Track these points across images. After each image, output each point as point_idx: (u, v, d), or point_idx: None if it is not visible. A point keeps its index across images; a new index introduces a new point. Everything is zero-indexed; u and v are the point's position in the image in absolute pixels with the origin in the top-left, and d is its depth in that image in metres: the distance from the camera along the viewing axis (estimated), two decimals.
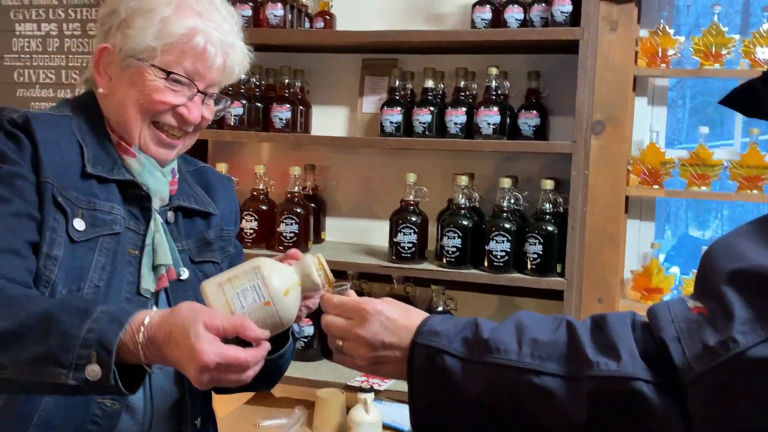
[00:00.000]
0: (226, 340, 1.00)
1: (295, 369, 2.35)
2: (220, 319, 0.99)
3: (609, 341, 0.87)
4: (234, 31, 1.30)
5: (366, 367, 1.04)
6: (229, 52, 1.27)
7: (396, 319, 1.02)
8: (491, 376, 0.91)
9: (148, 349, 0.99)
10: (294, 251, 1.24)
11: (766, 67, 2.19)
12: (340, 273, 2.47)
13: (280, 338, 1.28)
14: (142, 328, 0.99)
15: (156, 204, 1.29)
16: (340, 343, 1.05)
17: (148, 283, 1.23)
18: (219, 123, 2.40)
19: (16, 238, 1.12)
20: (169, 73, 1.23)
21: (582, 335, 0.89)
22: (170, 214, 1.32)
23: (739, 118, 2.46)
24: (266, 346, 1.03)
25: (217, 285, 1.07)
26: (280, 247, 2.34)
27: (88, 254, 1.18)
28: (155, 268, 1.24)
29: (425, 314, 1.03)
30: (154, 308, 1.24)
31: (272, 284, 1.06)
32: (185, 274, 1.30)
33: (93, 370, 0.96)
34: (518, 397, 0.90)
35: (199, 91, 1.26)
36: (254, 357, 1.00)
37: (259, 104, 2.43)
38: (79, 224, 1.17)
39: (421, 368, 0.96)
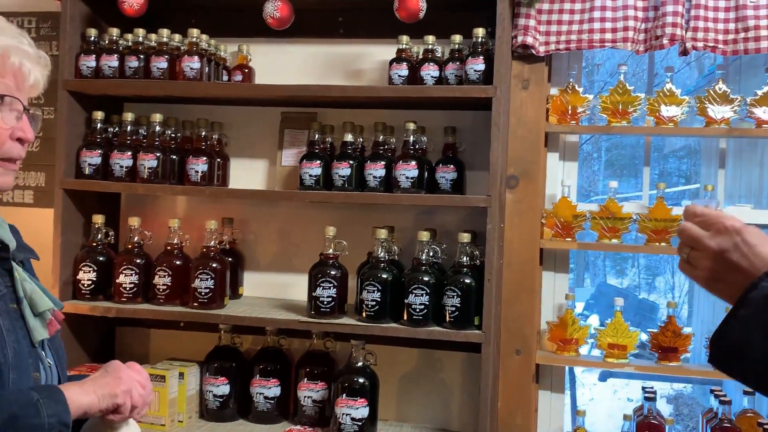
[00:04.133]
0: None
1: (210, 430, 2.27)
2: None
3: None
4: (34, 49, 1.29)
5: (704, 280, 1.04)
6: (38, 67, 1.28)
7: (755, 244, 1.00)
8: None
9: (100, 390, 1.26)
10: None
11: (670, 124, 2.29)
12: (257, 329, 2.42)
13: None
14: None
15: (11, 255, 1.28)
16: (687, 252, 1.05)
17: (41, 334, 1.26)
18: (132, 175, 2.35)
19: None
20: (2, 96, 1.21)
21: None
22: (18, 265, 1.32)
23: (647, 172, 2.56)
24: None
25: None
26: (195, 304, 2.27)
27: None
28: (37, 315, 1.27)
29: None
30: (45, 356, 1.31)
31: None
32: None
33: None
34: None
35: (25, 108, 1.25)
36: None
37: (174, 156, 2.38)
38: None
39: (757, 303, 0.95)
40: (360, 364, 2.22)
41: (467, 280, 2.16)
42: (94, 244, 2.37)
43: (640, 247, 2.38)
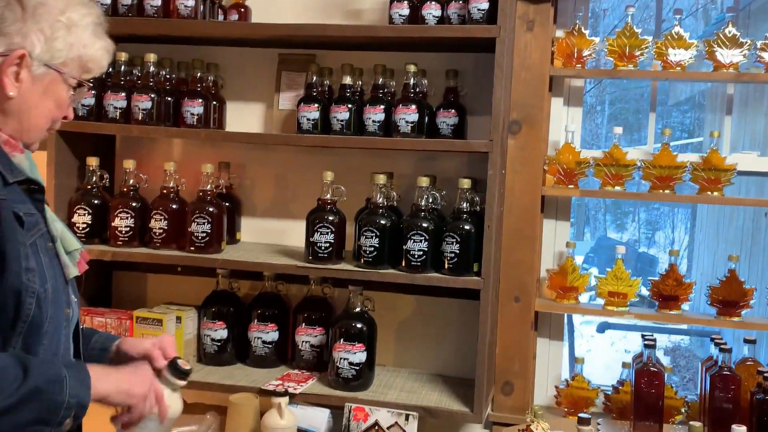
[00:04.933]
0: None
1: (208, 374, 2.27)
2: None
3: None
4: None
5: None
6: (108, 60, 1.40)
7: None
8: None
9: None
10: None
11: (677, 68, 2.23)
12: (255, 274, 2.40)
13: None
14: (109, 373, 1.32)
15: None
16: None
17: (72, 272, 1.34)
18: (126, 117, 2.30)
19: None
20: (80, 83, 1.32)
21: None
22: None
23: (652, 121, 2.50)
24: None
25: None
26: (192, 248, 2.25)
27: (37, 257, 1.24)
28: (67, 254, 1.34)
29: None
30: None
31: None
32: None
33: (68, 423, 1.21)
34: None
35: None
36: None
37: (169, 98, 2.33)
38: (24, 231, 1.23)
39: None
40: (358, 309, 2.20)
41: (467, 227, 2.13)
42: (89, 187, 2.33)
43: (644, 195, 2.34)
